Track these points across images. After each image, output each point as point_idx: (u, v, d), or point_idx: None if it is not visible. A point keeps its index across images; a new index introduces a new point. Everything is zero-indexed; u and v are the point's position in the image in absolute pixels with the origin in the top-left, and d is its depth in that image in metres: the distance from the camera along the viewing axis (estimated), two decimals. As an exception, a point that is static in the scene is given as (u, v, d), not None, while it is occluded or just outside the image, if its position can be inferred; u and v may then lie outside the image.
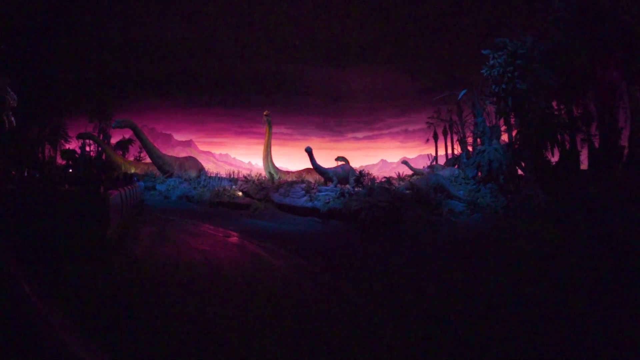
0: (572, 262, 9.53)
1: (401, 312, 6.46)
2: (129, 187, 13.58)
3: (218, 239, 12.63)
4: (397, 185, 17.94)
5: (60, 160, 35.16)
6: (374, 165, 60.04)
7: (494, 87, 16.19)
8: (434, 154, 37.52)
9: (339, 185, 19.08)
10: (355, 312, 6.37)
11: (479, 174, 19.60)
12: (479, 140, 24.61)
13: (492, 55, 16.19)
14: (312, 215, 16.56)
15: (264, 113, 27.28)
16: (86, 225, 8.66)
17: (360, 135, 58.12)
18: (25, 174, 18.27)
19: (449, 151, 34.78)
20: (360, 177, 16.79)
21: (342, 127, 55.02)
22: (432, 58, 35.46)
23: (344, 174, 19.34)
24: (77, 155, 33.53)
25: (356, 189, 16.61)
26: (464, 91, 22.64)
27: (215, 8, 32.00)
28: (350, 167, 20.10)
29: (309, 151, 18.51)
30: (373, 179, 18.74)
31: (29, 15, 27.76)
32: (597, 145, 17.67)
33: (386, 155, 60.94)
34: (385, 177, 18.25)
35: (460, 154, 27.53)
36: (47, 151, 36.19)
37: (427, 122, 36.86)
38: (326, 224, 15.69)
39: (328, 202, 16.03)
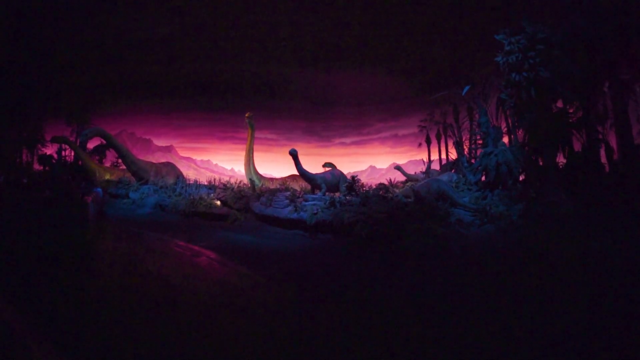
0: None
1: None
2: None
3: (184, 260, 10.38)
4: (392, 192, 15.83)
5: (37, 166, 33.29)
6: (362, 171, 57.85)
7: (513, 75, 14.18)
8: (426, 159, 35.67)
9: (328, 193, 16.88)
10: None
11: (483, 178, 17.65)
12: (480, 141, 22.74)
13: (508, 41, 14.25)
14: (298, 227, 14.33)
15: (246, 115, 25.10)
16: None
17: (348, 140, 56.11)
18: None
19: (443, 156, 32.87)
20: (353, 184, 14.62)
21: (329, 132, 52.96)
22: (425, 58, 33.63)
23: (334, 181, 17.14)
24: (54, 161, 31.93)
25: (348, 198, 14.43)
26: (467, 87, 20.67)
27: (197, 9, 29.97)
28: (341, 172, 17.89)
29: (293, 154, 16.30)
30: (368, 187, 16.57)
31: (3, 16, 25.91)
32: (612, 144, 15.99)
33: (375, 161, 58.85)
34: (379, 184, 16.13)
35: (458, 157, 25.58)
36: (24, 156, 34.10)
37: (420, 126, 34.90)
38: (314, 238, 13.47)
39: (316, 213, 13.82)
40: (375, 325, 6.21)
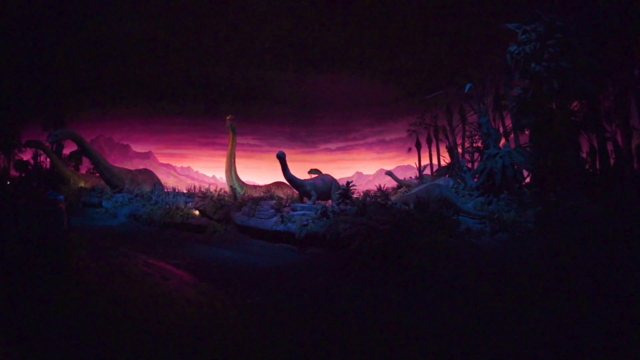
0: None
1: None
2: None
3: (151, 284, 8.59)
4: (390, 200, 14.24)
5: (14, 172, 32.06)
6: (349, 177, 56.43)
7: (533, 64, 12.78)
8: (414, 164, 34.34)
9: (318, 201, 15.22)
10: None
11: (485, 182, 16.25)
12: (477, 144, 21.42)
13: (523, 29, 12.90)
14: (285, 241, 12.62)
15: (227, 118, 23.36)
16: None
17: (333, 146, 54.72)
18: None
19: (434, 160, 31.50)
20: (348, 190, 12.97)
21: (314, 137, 51.49)
22: (414, 60, 32.30)
23: (325, 188, 15.45)
24: (30, 167, 30.92)
25: (342, 207, 12.78)
26: (469, 85, 19.29)
27: (178, 11, 28.27)
28: (332, 178, 16.22)
29: (281, 157, 14.58)
30: (358, 194, 14.90)
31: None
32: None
33: (362, 167, 57.53)
34: (377, 190, 14.50)
35: (452, 161, 24.23)
36: (0, 161, 32.81)
37: (409, 130, 33.55)
38: (304, 253, 11.77)
39: (306, 225, 12.13)
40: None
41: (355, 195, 14.93)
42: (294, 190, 19.28)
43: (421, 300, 7.62)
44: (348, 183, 13.34)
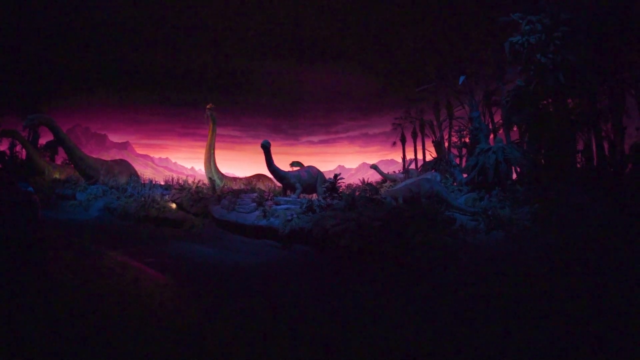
0: None
1: None
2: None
3: (122, 286, 7.69)
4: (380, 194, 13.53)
5: None
6: (331, 171, 55.70)
7: (539, 56, 12.20)
8: (398, 158, 33.85)
9: (303, 195, 14.43)
10: None
11: (475, 178, 15.73)
12: (466, 139, 20.91)
13: (527, 19, 12.34)
14: (268, 237, 11.80)
15: (207, 107, 22.32)
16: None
17: (315, 139, 54.04)
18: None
19: (420, 155, 30.96)
20: (335, 183, 12.21)
21: (297, 130, 50.69)
22: (400, 53, 31.62)
23: (311, 180, 14.65)
24: (6, 157, 29.72)
25: (328, 201, 12.01)
26: (463, 77, 18.71)
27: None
28: (318, 170, 15.42)
29: (266, 146, 13.69)
30: (350, 187, 14.12)
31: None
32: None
33: (344, 160, 57.06)
34: (365, 183, 13.82)
35: (439, 156, 23.71)
36: None
37: (394, 124, 33.03)
38: (289, 250, 10.98)
39: (290, 220, 11.33)
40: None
41: (342, 189, 14.21)
42: (276, 183, 18.48)
43: (418, 302, 6.95)
44: (336, 176, 12.58)
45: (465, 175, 16.81)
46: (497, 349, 5.23)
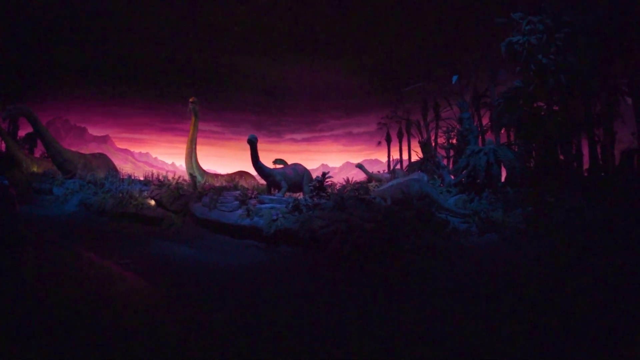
0: None
1: None
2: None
3: (96, 290, 7.04)
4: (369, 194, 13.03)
5: None
6: (314, 170, 55.18)
7: (540, 56, 11.91)
8: (382, 158, 33.53)
9: (289, 193, 13.85)
10: None
11: (463, 179, 15.42)
12: (453, 140, 20.59)
13: (528, 20, 12.07)
14: (252, 237, 11.19)
15: (190, 100, 21.58)
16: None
17: (299, 136, 53.25)
18: None
19: (405, 155, 30.64)
20: (323, 181, 11.67)
21: (280, 127, 49.81)
22: (388, 54, 31.21)
23: (297, 178, 14.04)
24: None
25: (316, 200, 11.47)
26: (455, 77, 18.38)
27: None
28: (305, 168, 14.84)
29: (253, 141, 13.02)
30: (342, 186, 13.56)
31: None
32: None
33: (327, 159, 56.37)
34: (356, 183, 13.32)
35: (425, 156, 23.38)
36: None
37: (380, 123, 32.67)
38: (274, 251, 10.40)
39: (275, 219, 10.75)
40: None
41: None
42: (259, 180, 17.86)
43: (413, 307, 6.49)
44: (324, 174, 12.04)
45: (454, 177, 16.48)
46: (495, 353, 4.85)
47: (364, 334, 5.48)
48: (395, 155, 32.16)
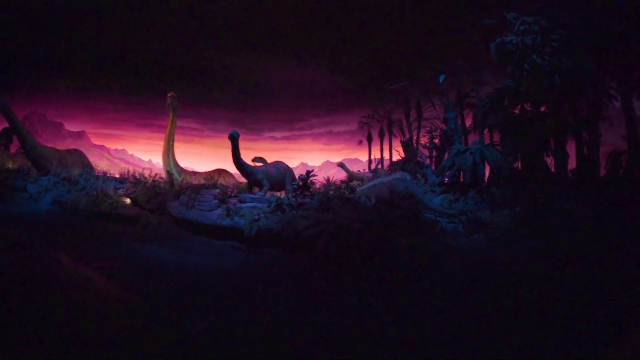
0: None
1: None
2: None
3: (67, 296, 6.48)
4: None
5: None
6: (293, 168, 54.53)
7: (535, 56, 11.75)
8: (363, 157, 33.31)
9: (271, 192, 13.38)
10: None
11: (446, 179, 15.26)
12: (436, 140, 20.44)
13: (522, 20, 11.95)
14: (232, 238, 10.69)
15: (168, 95, 20.83)
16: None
17: (278, 134, 52.68)
18: None
19: (386, 154, 30.43)
20: (307, 180, 11.26)
21: (260, 124, 49.14)
22: (371, 53, 30.93)
23: (279, 177, 13.57)
24: None
25: (299, 200, 11.04)
26: (443, 76, 18.19)
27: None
28: (287, 166, 14.39)
29: (234, 137, 12.51)
30: (327, 185, 13.13)
31: None
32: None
33: (307, 158, 55.83)
34: (341, 181, 12.96)
35: (407, 157, 23.19)
36: None
37: (361, 122, 32.42)
38: (256, 253, 9.94)
39: (257, 219, 10.29)
40: None
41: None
42: (238, 178, 17.34)
43: (404, 310, 6.17)
44: (308, 172, 11.61)
45: (438, 176, 16.28)
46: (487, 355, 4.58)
47: (356, 337, 5.12)
48: (376, 154, 31.97)
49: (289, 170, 14.13)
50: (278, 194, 13.73)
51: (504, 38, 12.62)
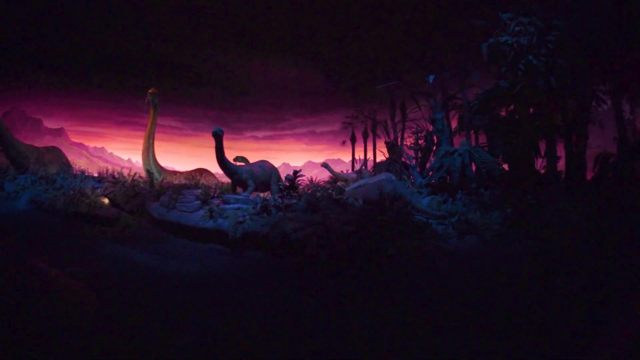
0: None
1: None
2: None
3: (33, 301, 5.98)
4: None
5: None
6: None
7: (530, 57, 11.62)
8: (346, 158, 33.02)
9: (256, 193, 12.96)
10: None
11: (432, 180, 15.07)
12: (421, 141, 20.27)
13: (517, 20, 11.85)
14: (215, 240, 10.25)
15: (149, 91, 20.27)
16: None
17: (260, 134, 52.04)
18: None
19: (370, 155, 30.16)
20: (294, 180, 10.87)
21: (241, 124, 48.44)
22: (355, 53, 30.67)
23: (264, 177, 13.12)
24: None
25: (286, 201, 10.65)
26: (432, 76, 18.01)
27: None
28: (272, 166, 13.96)
29: (218, 134, 12.09)
30: (315, 186, 12.73)
31: None
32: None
33: (289, 158, 55.25)
34: (327, 181, 12.60)
35: (392, 157, 22.98)
36: None
37: (345, 122, 32.10)
38: (240, 256, 9.51)
39: (242, 221, 9.87)
40: None
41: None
42: (220, 178, 16.85)
43: (400, 315, 5.87)
44: (295, 172, 11.22)
45: (428, 177, 16.08)
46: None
47: (351, 344, 4.79)
48: (359, 155, 31.69)
49: (274, 169, 13.71)
50: (263, 194, 13.33)
51: (498, 38, 12.48)
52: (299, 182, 11.48)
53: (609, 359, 4.67)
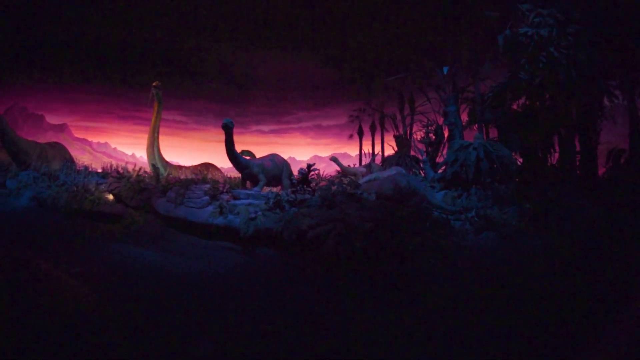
0: None
1: None
2: None
3: (34, 303, 5.65)
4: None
5: None
6: (281, 163, 53.69)
7: (552, 49, 11.23)
8: (352, 152, 32.64)
9: (267, 188, 12.58)
10: None
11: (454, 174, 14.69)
12: (432, 135, 19.84)
13: (537, 12, 11.49)
14: (226, 238, 9.87)
15: (153, 84, 19.87)
16: None
17: (265, 128, 51.64)
18: None
19: (377, 149, 29.78)
20: (307, 175, 10.49)
21: (246, 117, 48.03)
22: (361, 45, 30.14)
23: (276, 171, 12.72)
24: None
25: (299, 196, 10.28)
26: (446, 68, 17.59)
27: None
28: (284, 160, 13.56)
29: (228, 127, 11.75)
30: (330, 181, 12.32)
31: None
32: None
33: (295, 152, 54.88)
34: (341, 176, 12.22)
35: (401, 151, 22.61)
36: None
37: (352, 116, 31.76)
38: (252, 255, 9.16)
39: (254, 218, 9.50)
40: None
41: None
42: (226, 173, 16.49)
43: (421, 315, 5.53)
44: (309, 166, 10.82)
45: (440, 171, 15.69)
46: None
47: (371, 345, 4.44)
48: (367, 149, 31.30)
49: (285, 163, 13.31)
50: (274, 189, 12.95)
51: (516, 29, 12.09)
52: (312, 177, 11.07)
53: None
